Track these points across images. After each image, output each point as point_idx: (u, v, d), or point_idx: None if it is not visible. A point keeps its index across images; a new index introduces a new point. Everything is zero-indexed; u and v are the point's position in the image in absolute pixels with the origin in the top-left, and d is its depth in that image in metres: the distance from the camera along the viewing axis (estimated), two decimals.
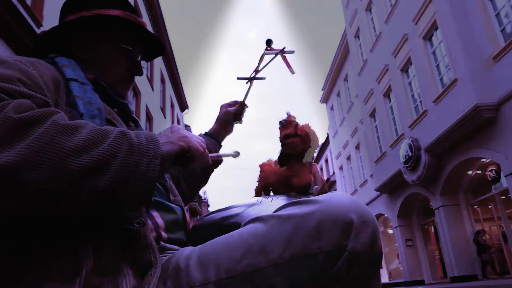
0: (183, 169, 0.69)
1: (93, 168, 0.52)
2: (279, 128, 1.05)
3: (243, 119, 1.23)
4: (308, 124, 1.04)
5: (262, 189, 1.08)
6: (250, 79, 1.18)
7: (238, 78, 1.20)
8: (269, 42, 1.13)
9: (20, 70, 0.62)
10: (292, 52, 1.13)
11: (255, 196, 1.06)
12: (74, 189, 0.51)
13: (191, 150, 0.67)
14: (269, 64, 1.16)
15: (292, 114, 1.06)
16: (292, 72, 1.14)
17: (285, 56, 1.13)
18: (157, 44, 0.98)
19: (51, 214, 0.55)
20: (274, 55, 1.13)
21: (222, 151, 1.06)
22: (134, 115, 0.92)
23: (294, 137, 1.01)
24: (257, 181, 1.10)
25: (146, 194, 0.57)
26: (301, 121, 1.06)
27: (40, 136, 0.51)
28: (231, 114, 1.19)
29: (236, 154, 0.92)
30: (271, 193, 1.07)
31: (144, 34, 0.93)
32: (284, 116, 1.06)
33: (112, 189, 0.53)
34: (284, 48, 1.13)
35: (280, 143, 1.03)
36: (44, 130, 0.51)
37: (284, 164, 1.04)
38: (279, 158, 1.05)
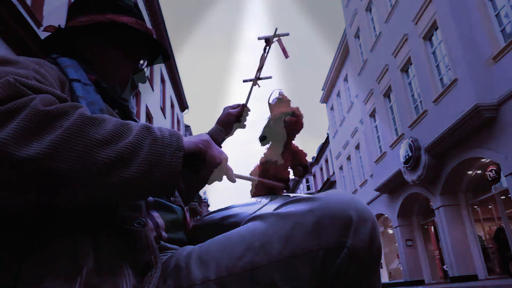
0: (196, 174, 0.69)
1: (120, 160, 0.53)
2: (272, 105, 1.06)
3: (245, 122, 1.23)
4: (298, 108, 1.07)
5: (261, 186, 1.08)
6: (255, 80, 1.19)
7: (244, 81, 1.21)
8: (265, 40, 1.14)
9: (34, 70, 0.63)
10: (286, 34, 1.14)
11: (252, 195, 1.07)
12: (103, 179, 0.52)
13: (206, 155, 0.67)
14: (269, 64, 1.17)
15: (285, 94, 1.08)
16: (286, 56, 1.15)
17: (280, 40, 1.14)
18: (163, 51, 0.99)
19: (78, 203, 0.56)
20: (270, 42, 1.14)
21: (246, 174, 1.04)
22: (134, 116, 0.92)
23: (291, 115, 1.02)
24: (259, 175, 1.10)
25: (171, 184, 0.58)
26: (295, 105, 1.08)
27: (68, 128, 0.52)
28: (233, 116, 1.20)
29: (257, 181, 0.90)
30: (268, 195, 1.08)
31: (152, 42, 0.93)
32: (276, 94, 1.08)
33: (139, 179, 0.54)
34: (276, 29, 1.14)
35: (273, 122, 1.04)
36: (72, 122, 0.53)
37: (265, 143, 1.06)
38: (261, 137, 1.06)
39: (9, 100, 0.52)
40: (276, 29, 1.14)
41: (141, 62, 0.95)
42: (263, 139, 1.06)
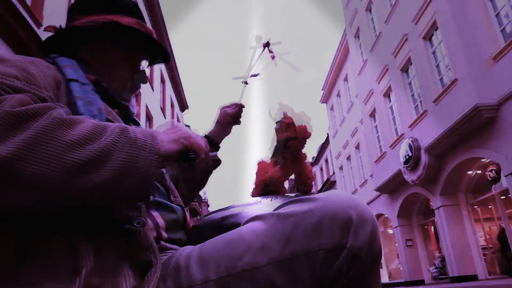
0: (187, 168, 0.69)
1: (91, 162, 0.52)
2: (276, 129, 1.05)
3: (241, 120, 1.24)
4: (303, 112, 1.05)
5: (260, 190, 1.08)
6: (245, 78, 1.20)
7: (233, 78, 1.22)
8: (258, 39, 1.15)
9: (19, 68, 0.62)
10: (278, 43, 1.15)
11: (252, 195, 1.07)
12: (71, 183, 0.51)
13: (193, 148, 0.66)
14: (268, 63, 1.17)
15: (287, 114, 1.07)
16: (298, 70, 1.15)
17: (269, 47, 1.15)
18: (163, 51, 0.99)
19: (47, 207, 0.55)
20: (262, 48, 1.15)
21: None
22: (135, 117, 0.92)
23: (294, 139, 1.01)
24: (254, 183, 1.11)
25: (143, 189, 0.57)
26: (296, 109, 1.07)
27: (37, 130, 0.51)
28: (230, 116, 1.20)
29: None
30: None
31: (152, 43, 0.93)
32: (280, 114, 1.07)
33: (109, 184, 0.53)
34: (269, 40, 1.14)
35: (278, 144, 1.04)
36: (42, 123, 0.52)
37: (276, 161, 1.05)
38: (272, 157, 1.06)
39: None
40: (268, 40, 1.15)
41: (142, 63, 0.94)
42: (273, 156, 1.07)
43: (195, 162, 0.68)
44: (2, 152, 0.48)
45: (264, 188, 1.08)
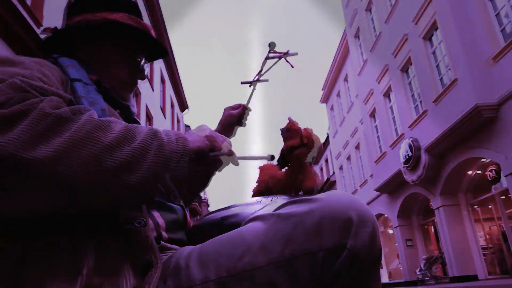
0: (211, 168, 0.71)
1: (126, 165, 0.53)
2: (282, 136, 1.04)
3: (245, 122, 1.23)
4: (311, 130, 1.03)
5: (261, 192, 1.07)
6: (253, 82, 1.18)
7: (242, 83, 1.21)
8: (272, 46, 1.13)
9: (38, 70, 0.63)
10: (295, 54, 1.13)
11: (252, 197, 1.06)
12: (107, 185, 0.52)
13: (216, 148, 0.68)
14: (272, 67, 1.17)
15: (293, 119, 1.05)
16: (300, 71, 1.15)
17: (287, 60, 1.13)
18: (160, 47, 0.98)
19: (83, 208, 0.56)
20: (278, 58, 1.13)
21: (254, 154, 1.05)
22: (136, 117, 0.92)
23: (300, 147, 1.00)
24: (256, 182, 1.10)
25: (175, 188, 0.58)
26: (301, 122, 1.06)
27: (76, 132, 0.51)
28: (234, 117, 1.19)
29: (269, 157, 0.89)
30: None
31: (148, 38, 0.92)
32: (285, 121, 1.06)
33: (143, 185, 0.54)
34: (288, 51, 1.13)
35: (284, 153, 1.02)
36: (80, 125, 0.52)
37: (284, 166, 1.04)
38: (279, 161, 1.04)
39: (16, 102, 0.51)
40: (288, 50, 1.14)
41: (140, 59, 0.93)
42: (281, 165, 1.06)
43: (218, 162, 0.70)
44: (43, 154, 0.48)
45: (266, 188, 1.07)
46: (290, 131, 1.02)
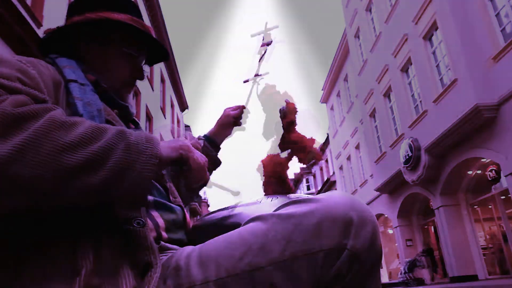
0: (177, 176, 0.69)
1: (88, 164, 0.52)
2: (280, 117, 1.06)
3: (244, 123, 1.23)
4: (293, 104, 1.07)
5: (272, 182, 1.08)
6: (254, 78, 1.19)
7: (244, 82, 1.21)
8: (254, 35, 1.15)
9: (19, 69, 0.62)
10: (276, 27, 1.16)
11: (264, 190, 1.07)
12: (68, 185, 0.51)
13: (189, 160, 0.67)
14: (268, 64, 1.17)
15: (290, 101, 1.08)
16: (282, 42, 1.17)
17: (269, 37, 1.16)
18: (161, 49, 0.98)
19: (44, 209, 0.54)
20: (266, 46, 1.15)
21: (224, 184, 1.07)
22: (135, 117, 0.92)
23: (290, 124, 1.03)
24: (264, 175, 1.10)
25: (141, 193, 0.57)
26: (300, 122, 1.07)
27: (35, 131, 0.50)
28: (231, 118, 1.20)
29: (236, 193, 0.90)
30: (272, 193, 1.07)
31: (149, 39, 0.92)
32: (284, 104, 1.08)
33: (107, 186, 0.53)
34: (266, 24, 1.15)
35: (284, 128, 1.05)
36: (40, 125, 0.51)
37: (285, 149, 1.06)
38: (280, 145, 1.06)
39: None
40: (266, 23, 1.15)
41: (141, 60, 0.93)
42: (282, 148, 1.07)
43: (189, 174, 0.69)
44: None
45: (275, 176, 1.08)
46: (287, 110, 1.05)
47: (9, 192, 0.49)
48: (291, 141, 1.05)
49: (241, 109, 1.21)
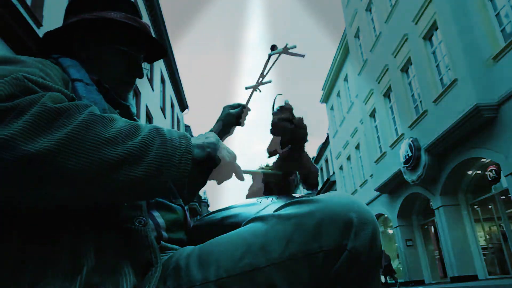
0: (206, 175, 0.67)
1: (129, 158, 0.53)
2: (273, 114, 1.02)
3: (244, 122, 1.23)
4: (301, 118, 1.03)
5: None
6: (257, 86, 1.18)
7: (246, 88, 1.21)
8: (273, 48, 1.13)
9: (39, 68, 0.63)
10: (294, 47, 1.14)
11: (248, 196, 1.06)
12: (110, 178, 0.52)
13: (216, 158, 0.65)
14: (274, 63, 1.17)
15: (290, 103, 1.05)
16: (302, 56, 1.15)
17: (289, 52, 1.14)
18: (159, 47, 0.98)
19: (86, 202, 0.56)
20: (278, 54, 1.14)
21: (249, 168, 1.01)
22: (135, 117, 0.92)
23: (287, 121, 0.98)
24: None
25: (178, 186, 0.57)
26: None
27: (77, 125, 0.51)
28: (233, 117, 1.19)
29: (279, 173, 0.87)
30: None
31: (146, 36, 0.92)
32: (280, 102, 1.06)
33: (147, 179, 0.54)
34: (286, 45, 1.14)
35: (271, 126, 1.00)
36: (82, 119, 0.52)
37: (272, 155, 1.02)
38: (268, 149, 1.02)
39: (18, 96, 0.51)
40: (286, 44, 1.14)
41: (138, 57, 0.92)
42: (270, 153, 1.03)
43: (218, 173, 0.67)
44: (44, 146, 0.48)
45: (268, 187, 1.07)
46: (283, 109, 1.02)
47: (56, 183, 0.50)
48: (294, 162, 1.00)
49: (242, 108, 1.20)
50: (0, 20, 4.97)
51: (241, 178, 0.73)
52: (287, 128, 0.98)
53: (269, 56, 1.14)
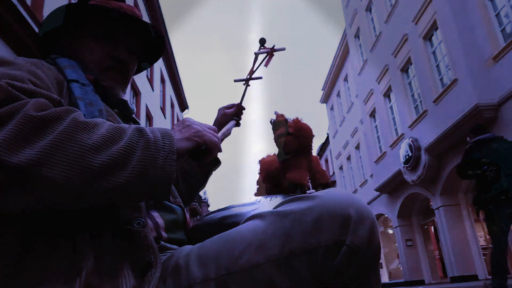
0: (198, 163, 0.70)
1: (113, 165, 0.53)
2: (272, 129, 1.07)
3: (240, 122, 1.23)
4: (297, 118, 1.07)
5: (266, 178, 1.09)
6: (247, 80, 1.18)
7: (235, 81, 1.21)
8: (262, 41, 1.14)
9: (29, 71, 0.63)
10: (283, 49, 1.15)
11: (258, 188, 1.08)
12: (94, 185, 0.52)
13: (207, 144, 0.68)
14: (261, 63, 1.17)
15: (280, 113, 1.09)
16: (266, 65, 1.15)
17: (273, 53, 1.14)
18: (158, 44, 0.98)
19: (72, 208, 0.56)
20: (266, 54, 1.14)
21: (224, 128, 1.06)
22: (134, 116, 0.92)
23: (286, 135, 1.03)
24: (259, 173, 1.12)
25: (164, 188, 0.57)
26: (291, 116, 1.09)
27: (60, 134, 0.51)
28: (229, 117, 1.19)
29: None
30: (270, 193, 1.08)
31: (128, 18, 0.89)
32: (274, 117, 1.08)
33: (131, 184, 0.54)
34: (274, 46, 1.14)
35: (275, 144, 1.06)
36: (64, 127, 0.52)
37: (283, 160, 1.07)
38: (278, 155, 1.07)
39: (1, 105, 0.51)
40: (274, 46, 1.15)
41: (118, 39, 0.89)
42: (281, 159, 1.09)
43: (208, 156, 0.70)
44: (26, 157, 0.48)
45: (269, 186, 1.09)
46: (277, 123, 1.07)
47: (40, 194, 0.50)
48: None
49: (237, 107, 1.20)
50: (0, 20, 4.97)
51: (229, 134, 0.76)
52: (287, 142, 1.04)
53: (256, 55, 1.15)
